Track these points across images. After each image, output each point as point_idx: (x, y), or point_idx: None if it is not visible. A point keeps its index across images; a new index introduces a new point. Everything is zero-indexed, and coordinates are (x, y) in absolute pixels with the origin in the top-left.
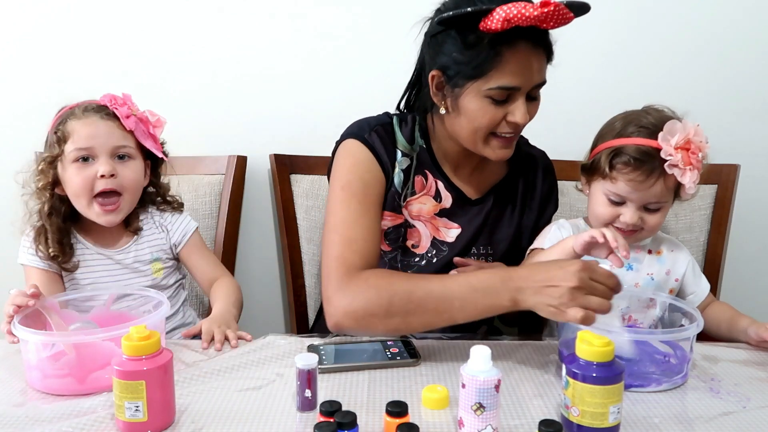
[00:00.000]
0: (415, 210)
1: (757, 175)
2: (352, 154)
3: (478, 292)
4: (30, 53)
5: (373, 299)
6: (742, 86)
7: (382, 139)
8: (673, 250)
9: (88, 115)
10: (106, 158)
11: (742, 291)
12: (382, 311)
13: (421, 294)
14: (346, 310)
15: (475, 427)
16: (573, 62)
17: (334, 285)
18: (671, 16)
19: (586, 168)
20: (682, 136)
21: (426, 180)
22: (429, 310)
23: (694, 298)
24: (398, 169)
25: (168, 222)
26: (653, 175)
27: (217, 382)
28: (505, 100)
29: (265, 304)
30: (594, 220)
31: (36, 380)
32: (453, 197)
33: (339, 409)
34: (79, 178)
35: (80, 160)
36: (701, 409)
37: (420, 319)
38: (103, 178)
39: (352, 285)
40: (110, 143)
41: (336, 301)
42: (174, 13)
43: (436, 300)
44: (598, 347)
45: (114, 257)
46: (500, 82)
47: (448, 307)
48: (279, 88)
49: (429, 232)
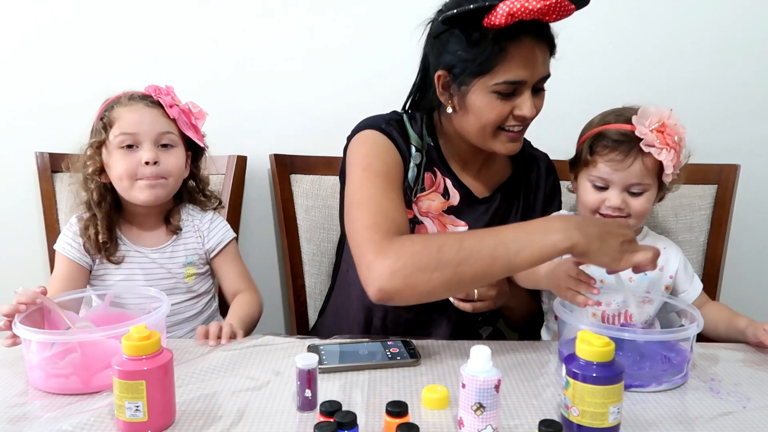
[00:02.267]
0: (424, 206)
1: (757, 175)
2: (371, 141)
3: (535, 233)
4: (30, 53)
5: (422, 252)
6: (743, 86)
7: (400, 134)
8: (665, 248)
9: (134, 103)
10: (150, 145)
11: (742, 291)
12: (433, 263)
13: (473, 242)
14: (393, 269)
15: (475, 427)
16: (572, 62)
17: (374, 249)
18: (671, 16)
19: (572, 163)
20: (656, 119)
21: (435, 177)
22: (483, 257)
23: (686, 296)
24: (413, 164)
25: (206, 228)
26: (631, 155)
27: (217, 382)
28: (512, 93)
29: (265, 304)
30: (582, 209)
31: (38, 380)
32: (461, 195)
33: (339, 409)
34: (124, 162)
35: (125, 146)
36: (701, 409)
37: (473, 267)
38: (147, 165)
39: (396, 244)
40: (155, 130)
41: (379, 263)
42: (174, 13)
43: (490, 247)
44: (598, 347)
45: (150, 255)
46: (506, 76)
47: (504, 252)
48: (279, 88)
49: (436, 229)
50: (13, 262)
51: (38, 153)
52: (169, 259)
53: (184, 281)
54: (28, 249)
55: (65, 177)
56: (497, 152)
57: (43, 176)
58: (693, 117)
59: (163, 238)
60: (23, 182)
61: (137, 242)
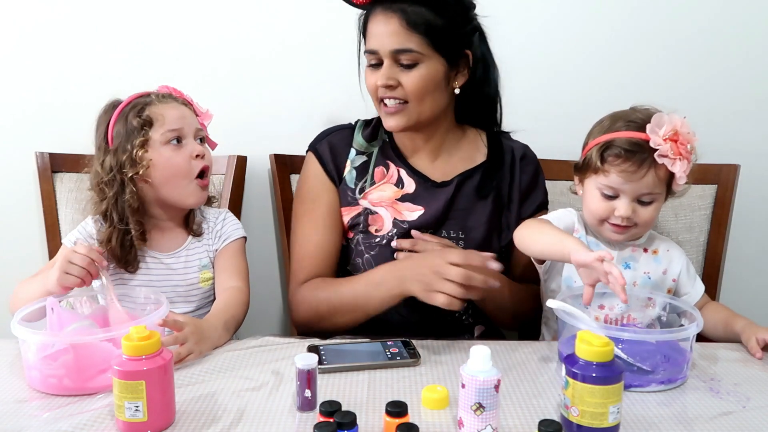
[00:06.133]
0: (375, 198)
1: (757, 175)
2: (306, 169)
3: (372, 285)
4: (30, 53)
5: (306, 311)
6: (743, 86)
7: (333, 146)
8: (669, 250)
9: (168, 101)
10: (192, 139)
11: (742, 291)
12: (316, 318)
13: (336, 299)
14: (295, 320)
15: (475, 427)
16: (572, 62)
17: (291, 289)
18: (671, 16)
19: (578, 167)
20: (670, 128)
21: (387, 170)
22: (347, 311)
23: (688, 299)
24: (350, 168)
25: (219, 228)
26: (644, 166)
27: (217, 382)
28: (375, 64)
29: (265, 304)
30: (589, 216)
31: (35, 380)
32: (416, 182)
33: (339, 409)
34: (179, 158)
35: (173, 141)
36: (701, 409)
37: (343, 319)
38: (198, 157)
39: (294, 300)
40: (194, 125)
41: (292, 305)
42: (173, 13)
43: (348, 302)
44: (598, 347)
45: (164, 261)
46: (366, 47)
47: (357, 305)
48: (279, 88)
49: (390, 215)
50: (13, 262)
51: (38, 153)
52: (184, 263)
53: (199, 287)
54: (28, 249)
55: (65, 177)
56: (388, 127)
57: (43, 176)
58: (693, 117)
59: (179, 242)
60: (23, 182)
61: (152, 247)
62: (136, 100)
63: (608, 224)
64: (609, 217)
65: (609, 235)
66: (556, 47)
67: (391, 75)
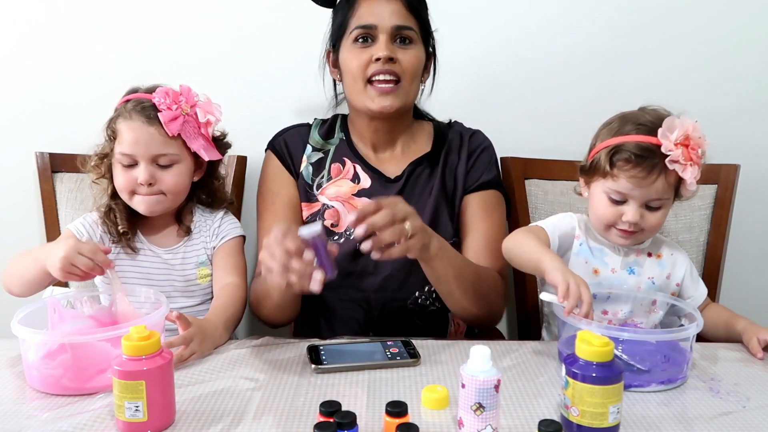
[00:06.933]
0: (332, 193)
1: (757, 175)
2: (265, 167)
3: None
4: (30, 53)
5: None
6: (742, 86)
7: (289, 141)
8: (672, 254)
9: (135, 119)
10: (146, 165)
11: (742, 291)
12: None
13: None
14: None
15: (475, 427)
16: (572, 63)
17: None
18: (671, 16)
19: (584, 169)
20: (681, 132)
21: (343, 166)
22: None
23: (691, 302)
24: (306, 163)
25: (217, 226)
26: (654, 171)
27: (217, 382)
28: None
29: None
30: (596, 221)
31: (34, 380)
32: (372, 178)
33: (339, 409)
34: (122, 179)
35: (124, 165)
36: (701, 409)
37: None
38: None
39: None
40: (150, 151)
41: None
42: (173, 13)
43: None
44: (598, 347)
45: (163, 256)
46: (357, 23)
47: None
48: (279, 88)
49: (347, 211)
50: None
51: (38, 153)
52: (182, 260)
53: (197, 283)
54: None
55: (65, 177)
56: (373, 110)
57: (43, 176)
58: (693, 117)
59: (175, 239)
60: (23, 182)
61: (151, 242)
62: (120, 105)
63: (615, 229)
64: (616, 222)
65: (615, 240)
66: (556, 47)
67: (391, 48)
